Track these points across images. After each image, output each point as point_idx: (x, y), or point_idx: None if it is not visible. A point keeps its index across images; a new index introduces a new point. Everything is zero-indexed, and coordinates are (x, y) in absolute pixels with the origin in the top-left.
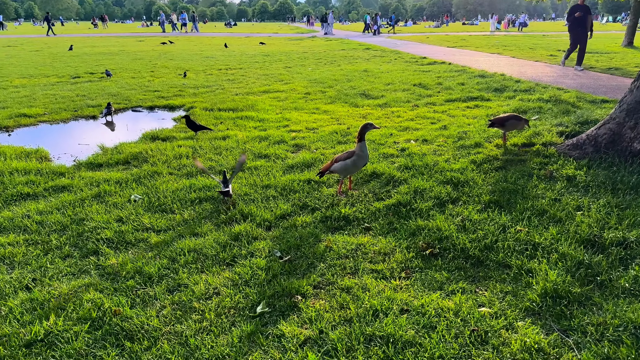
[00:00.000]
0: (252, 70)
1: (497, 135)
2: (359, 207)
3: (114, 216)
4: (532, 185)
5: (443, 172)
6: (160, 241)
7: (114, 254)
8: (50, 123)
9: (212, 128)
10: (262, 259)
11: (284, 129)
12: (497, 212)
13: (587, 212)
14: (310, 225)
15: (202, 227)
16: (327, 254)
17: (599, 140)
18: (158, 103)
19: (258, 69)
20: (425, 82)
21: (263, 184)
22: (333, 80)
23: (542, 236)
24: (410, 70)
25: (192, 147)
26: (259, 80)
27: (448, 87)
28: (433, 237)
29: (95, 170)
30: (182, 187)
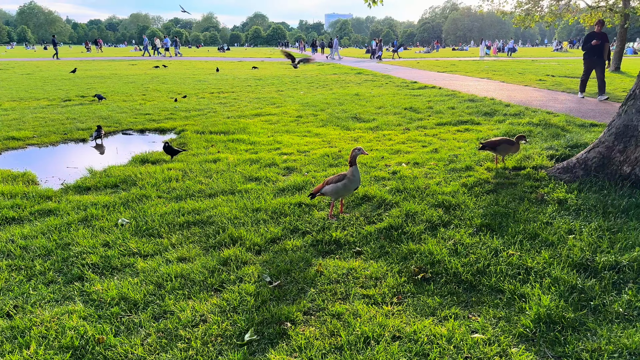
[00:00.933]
0: (245, 93)
1: (488, 158)
2: (350, 231)
3: (100, 241)
4: (523, 208)
5: (434, 195)
6: (146, 266)
7: (99, 280)
8: (39, 146)
9: (186, 149)
10: (251, 284)
11: (276, 152)
12: (489, 235)
13: (579, 235)
14: (301, 249)
15: (190, 251)
16: (317, 278)
17: (589, 164)
18: (149, 126)
19: (250, 92)
20: (416, 106)
21: (253, 207)
22: (325, 104)
23: (535, 260)
24: (401, 94)
25: (182, 169)
26: (251, 103)
27: (439, 110)
28: (425, 261)
29: (83, 194)
30: (171, 210)
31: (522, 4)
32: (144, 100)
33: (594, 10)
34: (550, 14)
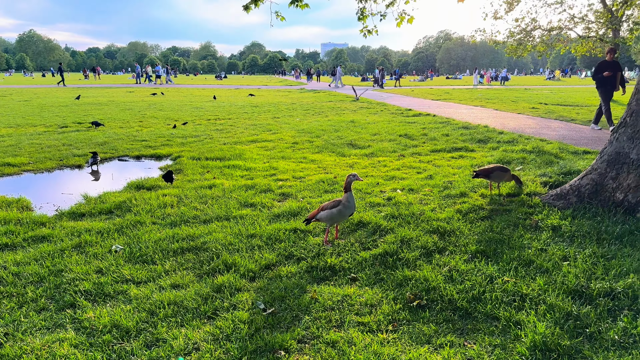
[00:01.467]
0: (241, 120)
1: (482, 185)
2: (345, 257)
3: (93, 267)
4: (518, 235)
5: (429, 222)
6: (139, 293)
7: (92, 307)
8: (34, 172)
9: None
10: (244, 311)
11: (271, 178)
12: (484, 262)
13: (574, 262)
14: (296, 275)
15: (184, 278)
16: (312, 305)
17: (582, 191)
18: (145, 152)
19: (246, 119)
20: (411, 132)
21: (248, 233)
22: (320, 130)
23: (530, 287)
24: (396, 122)
25: (177, 195)
26: (247, 130)
27: (433, 137)
28: (420, 288)
29: (78, 220)
30: (165, 236)
31: (514, 34)
32: (140, 127)
33: (585, 40)
34: (541, 43)
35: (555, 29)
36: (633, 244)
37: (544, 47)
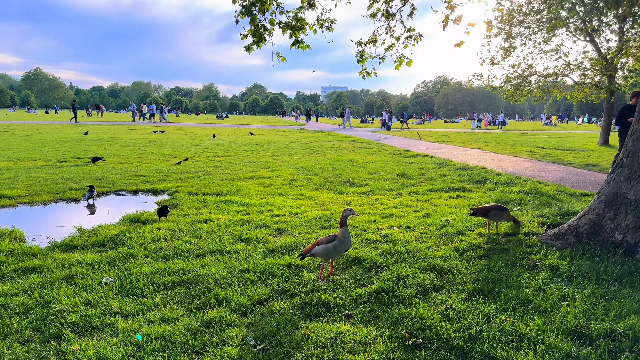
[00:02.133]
0: (240, 157)
1: (480, 224)
2: (340, 293)
3: (82, 299)
4: (515, 274)
5: (426, 259)
6: (127, 327)
7: (77, 340)
8: (30, 205)
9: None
10: (234, 347)
11: (267, 213)
12: (481, 301)
13: (573, 302)
14: (289, 311)
15: (174, 312)
16: (304, 342)
17: (580, 231)
18: (142, 187)
19: (245, 157)
20: (409, 172)
21: (242, 268)
22: (319, 169)
23: (528, 327)
24: (394, 162)
25: (172, 229)
26: (246, 167)
27: (430, 177)
28: (416, 326)
29: (70, 252)
30: (157, 270)
31: (510, 79)
32: (139, 163)
33: (580, 87)
34: (538, 89)
35: (551, 75)
36: (633, 285)
37: (541, 92)
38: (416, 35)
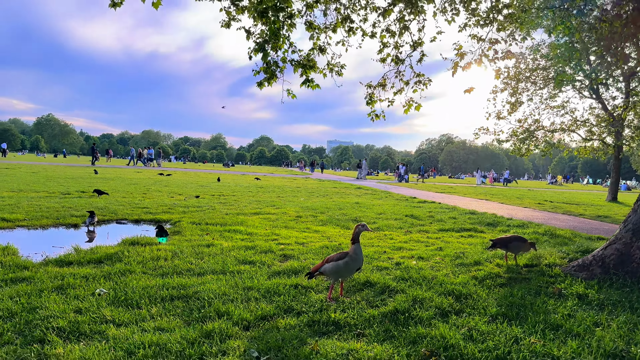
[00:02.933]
0: (245, 197)
1: (497, 256)
2: (351, 313)
3: (72, 307)
4: (541, 301)
5: (443, 285)
6: (118, 334)
7: (62, 344)
8: (28, 228)
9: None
10: (235, 357)
11: (273, 242)
12: (506, 324)
13: (607, 327)
14: (295, 328)
15: (170, 323)
16: (313, 357)
17: (606, 261)
18: (144, 217)
19: (251, 196)
20: (417, 214)
21: (245, 286)
22: (325, 208)
23: (561, 349)
24: (401, 205)
25: (172, 251)
26: (251, 204)
27: (440, 219)
28: (437, 345)
29: (64, 267)
30: (154, 284)
31: (517, 133)
32: (143, 198)
33: (587, 141)
34: (545, 143)
35: (558, 130)
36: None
37: (548, 147)
38: (425, 80)
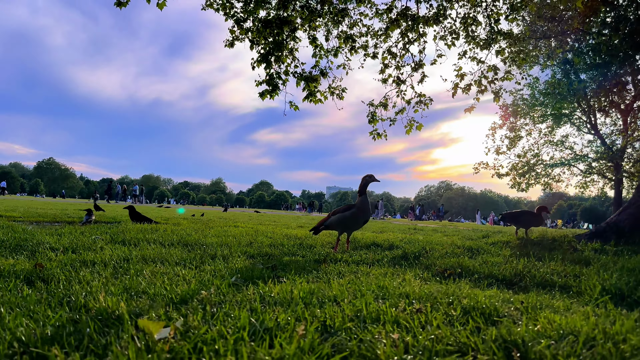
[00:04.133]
0: (244, 219)
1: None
2: (359, 257)
3: (67, 241)
4: (556, 252)
5: (453, 245)
6: (118, 251)
7: (60, 253)
8: (22, 222)
9: (153, 220)
10: (243, 259)
11: (271, 226)
12: (521, 259)
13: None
14: (300, 262)
15: (169, 249)
16: (320, 268)
17: (620, 226)
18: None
19: (249, 219)
20: (419, 228)
21: (246, 242)
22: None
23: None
24: (403, 228)
25: (176, 230)
26: (250, 221)
27: (443, 231)
28: (451, 264)
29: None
30: (155, 234)
31: (517, 167)
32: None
33: (587, 175)
34: (544, 177)
35: (557, 165)
36: None
37: (548, 181)
38: (426, 100)
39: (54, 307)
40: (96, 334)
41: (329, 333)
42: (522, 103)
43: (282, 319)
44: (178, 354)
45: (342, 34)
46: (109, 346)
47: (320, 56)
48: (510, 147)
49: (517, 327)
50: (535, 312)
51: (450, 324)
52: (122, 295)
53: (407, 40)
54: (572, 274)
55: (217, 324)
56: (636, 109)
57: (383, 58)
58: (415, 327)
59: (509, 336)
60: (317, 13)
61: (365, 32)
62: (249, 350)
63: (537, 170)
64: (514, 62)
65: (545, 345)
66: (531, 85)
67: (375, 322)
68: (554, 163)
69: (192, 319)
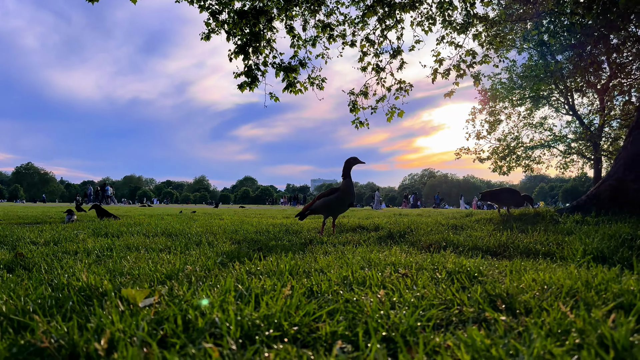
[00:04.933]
0: (229, 213)
1: None
2: (345, 238)
3: (50, 235)
4: (539, 225)
5: (437, 224)
6: (104, 242)
7: None
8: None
9: (118, 216)
10: (227, 242)
11: (255, 219)
12: (504, 231)
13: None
14: (286, 245)
15: (155, 237)
16: (308, 246)
17: (601, 197)
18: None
19: (234, 214)
20: (405, 213)
21: (232, 229)
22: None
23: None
24: (389, 214)
25: (159, 223)
26: (236, 215)
27: (428, 215)
28: (435, 240)
29: None
30: (138, 227)
31: (497, 151)
32: (125, 213)
33: (567, 155)
34: (525, 159)
35: (537, 146)
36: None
37: (529, 163)
38: (406, 86)
39: (36, 287)
40: (79, 306)
41: (315, 297)
42: (500, 87)
43: (269, 285)
44: (163, 316)
45: (320, 23)
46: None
47: (298, 46)
48: (491, 131)
49: (501, 285)
50: (519, 274)
51: (436, 284)
52: (106, 276)
53: (385, 27)
54: (554, 242)
55: (203, 292)
56: (612, 88)
57: (361, 46)
58: (402, 289)
59: (493, 291)
60: (293, 2)
61: (343, 21)
62: (235, 308)
63: (517, 153)
64: (491, 46)
65: (530, 296)
66: (509, 68)
67: (361, 286)
68: (534, 145)
69: (177, 289)
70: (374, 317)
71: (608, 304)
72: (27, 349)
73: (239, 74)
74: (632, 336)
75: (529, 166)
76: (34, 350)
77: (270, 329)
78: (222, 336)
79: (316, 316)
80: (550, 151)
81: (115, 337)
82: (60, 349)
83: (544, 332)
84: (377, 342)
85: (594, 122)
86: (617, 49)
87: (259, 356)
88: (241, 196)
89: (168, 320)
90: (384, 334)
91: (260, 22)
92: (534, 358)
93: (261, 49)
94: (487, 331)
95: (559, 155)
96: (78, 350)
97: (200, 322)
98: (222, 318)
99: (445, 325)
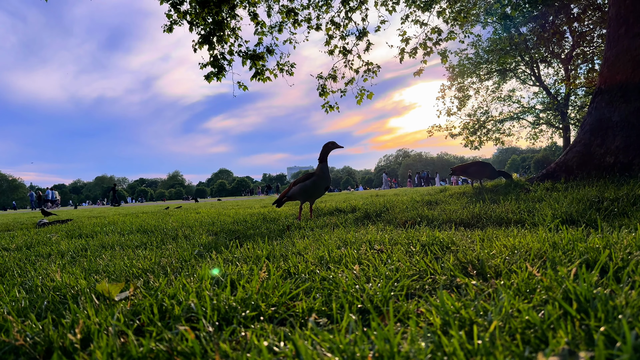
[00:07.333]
0: (206, 208)
1: None
2: (321, 223)
3: (23, 240)
4: (512, 194)
5: (412, 200)
6: (78, 241)
7: None
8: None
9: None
10: (204, 234)
11: (232, 210)
12: (477, 202)
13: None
14: (265, 232)
15: (130, 235)
16: (285, 232)
17: (569, 164)
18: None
19: (211, 208)
20: (382, 194)
21: (209, 222)
22: None
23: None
24: (369, 194)
25: (135, 221)
26: (213, 208)
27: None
28: (411, 216)
29: None
30: (113, 226)
31: (468, 126)
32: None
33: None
34: (495, 132)
35: (507, 119)
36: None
37: (499, 136)
38: (374, 68)
39: (9, 291)
40: (54, 305)
41: (292, 277)
42: (467, 62)
43: (245, 270)
44: (139, 307)
45: (284, 8)
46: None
47: (263, 33)
48: (461, 107)
49: (473, 252)
50: (490, 241)
51: (410, 257)
52: (81, 275)
53: (349, 9)
54: (525, 210)
55: (179, 282)
56: (575, 57)
57: (327, 29)
58: (377, 264)
59: (465, 258)
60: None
61: (307, 4)
62: (211, 294)
63: (487, 127)
64: (456, 22)
65: (500, 260)
66: (475, 44)
67: (337, 264)
68: (504, 118)
69: (153, 281)
70: (349, 292)
71: (574, 262)
72: (2, 348)
73: (205, 65)
74: (596, 289)
75: (499, 139)
76: (9, 349)
77: (247, 310)
78: (198, 320)
79: (292, 294)
80: (520, 123)
81: (91, 330)
82: (35, 346)
83: (512, 291)
84: (353, 313)
85: (561, 92)
86: (578, 17)
87: (236, 335)
88: (217, 189)
89: (144, 310)
90: (360, 306)
91: (223, 10)
92: (502, 316)
93: (226, 37)
94: (458, 295)
95: (528, 127)
96: (54, 345)
97: (176, 309)
98: (198, 304)
99: (418, 294)
